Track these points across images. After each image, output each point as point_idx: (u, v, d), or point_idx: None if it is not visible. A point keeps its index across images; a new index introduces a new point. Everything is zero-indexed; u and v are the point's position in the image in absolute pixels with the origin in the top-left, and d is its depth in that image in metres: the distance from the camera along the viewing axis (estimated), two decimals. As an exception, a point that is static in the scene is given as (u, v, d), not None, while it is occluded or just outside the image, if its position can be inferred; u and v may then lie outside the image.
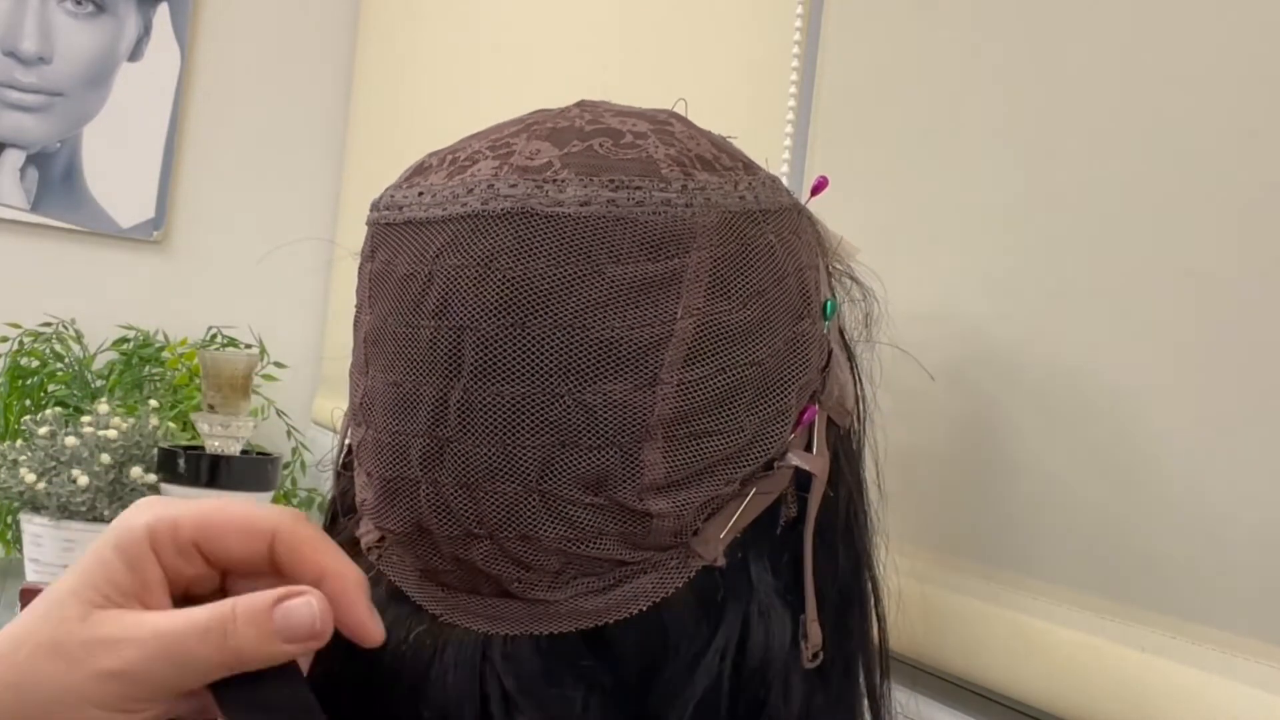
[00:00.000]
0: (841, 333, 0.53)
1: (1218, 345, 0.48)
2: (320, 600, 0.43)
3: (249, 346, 1.92)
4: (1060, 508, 0.55)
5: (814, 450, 0.47)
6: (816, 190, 0.53)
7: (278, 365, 1.96)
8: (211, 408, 1.61)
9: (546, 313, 0.41)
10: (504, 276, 0.42)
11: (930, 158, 0.65)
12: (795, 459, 0.45)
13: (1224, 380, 0.48)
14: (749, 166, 0.47)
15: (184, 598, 0.44)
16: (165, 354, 1.92)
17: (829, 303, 0.48)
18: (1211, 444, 0.48)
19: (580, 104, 0.47)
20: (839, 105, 0.74)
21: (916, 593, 0.61)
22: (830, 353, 0.48)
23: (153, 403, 1.74)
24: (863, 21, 0.73)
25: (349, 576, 0.44)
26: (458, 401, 0.42)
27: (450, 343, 0.42)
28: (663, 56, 1.03)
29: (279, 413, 1.96)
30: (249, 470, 1.60)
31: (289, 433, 1.97)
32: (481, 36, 1.53)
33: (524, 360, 0.41)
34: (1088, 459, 0.53)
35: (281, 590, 0.43)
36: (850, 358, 0.53)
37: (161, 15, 2.04)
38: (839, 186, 0.56)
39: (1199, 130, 0.50)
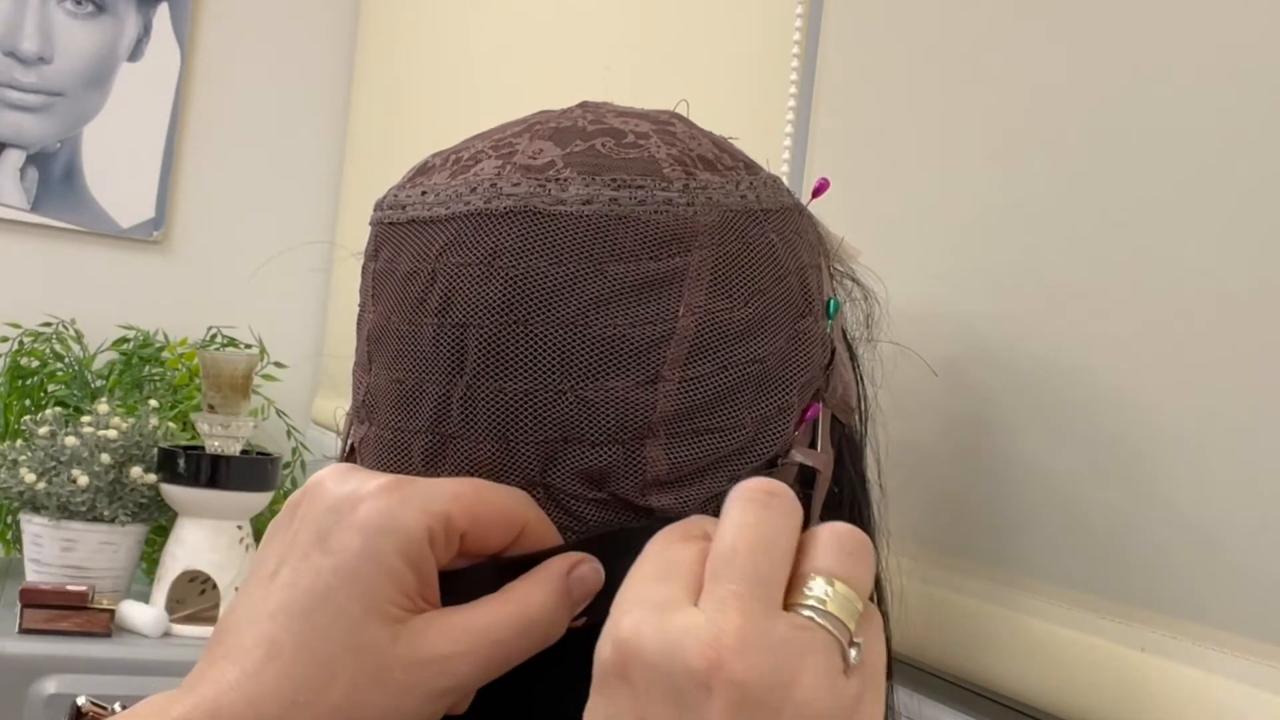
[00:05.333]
0: (844, 332, 0.53)
1: (1218, 343, 0.48)
2: (595, 560, 0.42)
3: (249, 346, 1.92)
4: (1060, 507, 0.55)
5: (818, 448, 0.47)
6: (818, 192, 0.53)
7: (278, 365, 1.96)
8: (211, 408, 1.61)
9: (549, 310, 0.42)
10: (507, 274, 0.42)
11: (930, 157, 0.66)
12: (800, 456, 0.46)
13: (1225, 379, 0.48)
14: (750, 166, 0.47)
15: None
16: (165, 354, 1.92)
17: (831, 301, 0.48)
18: (1212, 443, 0.48)
19: (583, 105, 0.48)
20: (839, 105, 0.75)
21: (918, 592, 0.61)
22: (833, 351, 0.48)
23: (153, 403, 1.74)
24: (863, 21, 0.73)
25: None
26: (460, 398, 0.42)
27: (453, 340, 0.43)
28: (663, 57, 1.03)
29: (279, 413, 1.96)
30: (249, 470, 1.60)
31: (289, 433, 1.97)
32: (482, 37, 1.54)
33: (526, 357, 0.42)
34: (1088, 458, 0.53)
35: (568, 562, 0.42)
36: (853, 357, 0.53)
37: (161, 15, 2.04)
38: (839, 186, 0.56)
39: (1200, 128, 0.50)
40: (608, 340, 0.42)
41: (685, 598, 0.36)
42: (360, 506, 0.40)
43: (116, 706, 0.42)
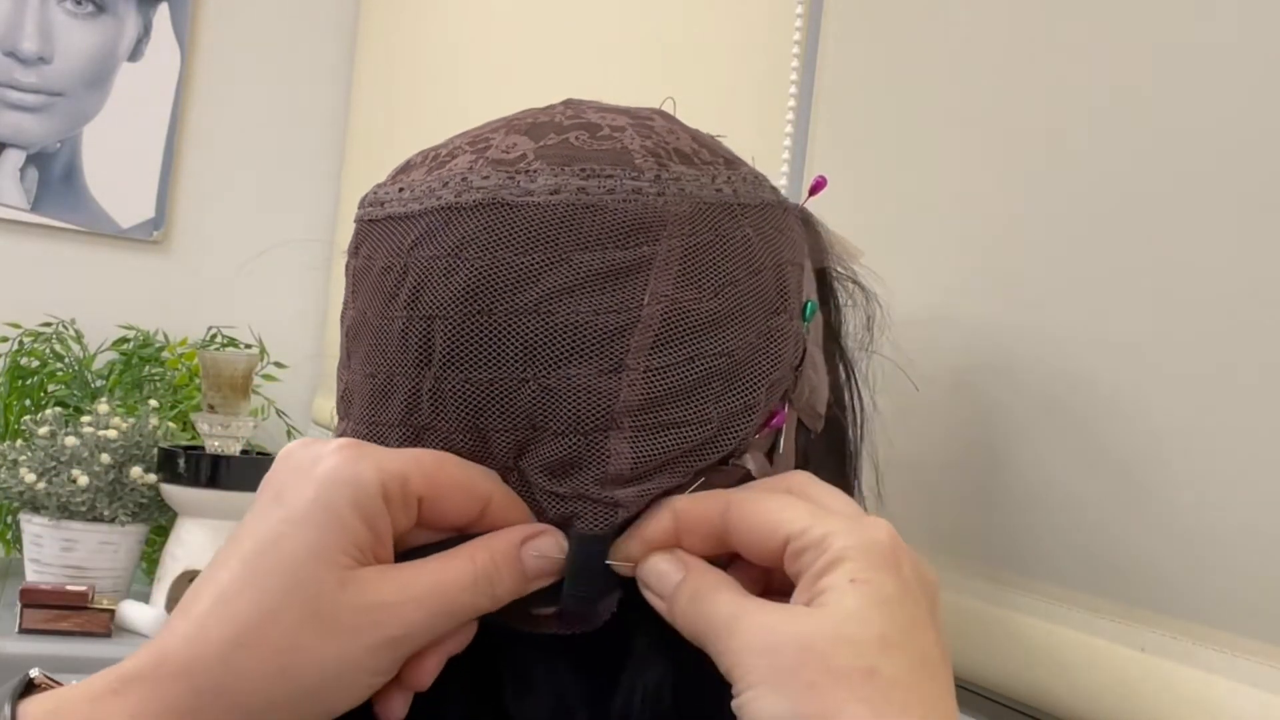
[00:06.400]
0: (840, 338, 0.53)
1: (1218, 346, 0.48)
2: (560, 534, 0.43)
3: (249, 346, 1.92)
4: (1060, 508, 0.55)
5: (780, 450, 0.46)
6: (815, 190, 0.52)
7: (278, 365, 1.96)
8: (211, 408, 1.61)
9: (512, 298, 0.42)
10: (472, 265, 0.42)
11: (931, 158, 0.65)
12: (752, 463, 0.45)
13: (1224, 380, 0.48)
14: (731, 162, 0.47)
15: None
16: (165, 354, 1.92)
17: (809, 304, 0.47)
18: (1211, 444, 0.48)
19: (566, 102, 0.48)
20: (839, 105, 0.75)
21: (916, 593, 0.61)
22: (805, 352, 0.47)
23: (153, 403, 1.74)
24: (863, 21, 0.73)
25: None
26: (429, 390, 0.43)
27: (420, 332, 0.43)
28: (663, 57, 1.03)
29: (279, 413, 1.96)
30: (249, 470, 1.60)
31: (289, 433, 1.97)
32: (481, 38, 1.54)
33: (489, 346, 0.42)
34: (1088, 459, 0.53)
35: (527, 529, 0.42)
36: (848, 365, 0.53)
37: (161, 15, 2.04)
38: (839, 186, 0.56)
39: (1200, 129, 0.50)
40: (570, 328, 0.41)
41: None
42: (318, 464, 0.41)
43: (74, 680, 0.42)
